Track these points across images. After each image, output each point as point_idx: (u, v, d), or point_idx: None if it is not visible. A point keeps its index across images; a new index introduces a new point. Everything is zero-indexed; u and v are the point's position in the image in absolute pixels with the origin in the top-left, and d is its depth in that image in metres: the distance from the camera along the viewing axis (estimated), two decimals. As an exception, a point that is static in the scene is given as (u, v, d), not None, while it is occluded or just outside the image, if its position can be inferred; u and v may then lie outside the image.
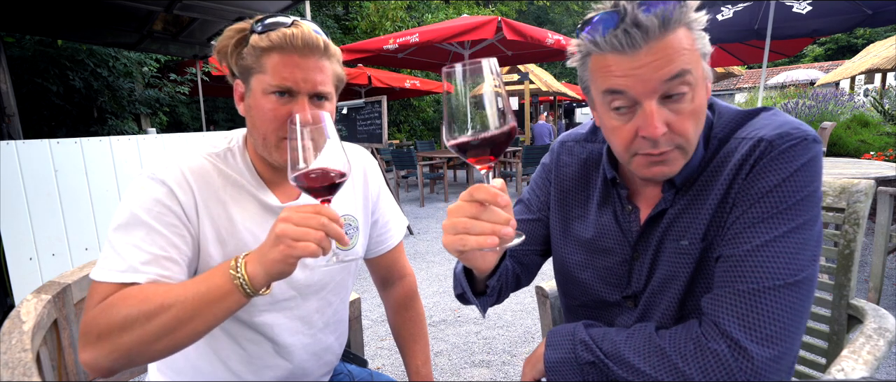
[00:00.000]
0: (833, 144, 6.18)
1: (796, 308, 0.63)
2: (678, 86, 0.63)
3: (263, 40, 0.75)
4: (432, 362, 2.34)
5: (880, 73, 12.12)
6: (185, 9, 3.55)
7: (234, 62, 0.79)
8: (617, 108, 0.67)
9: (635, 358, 0.69)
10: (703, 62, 0.66)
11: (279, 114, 0.76)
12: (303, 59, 0.75)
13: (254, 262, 0.65)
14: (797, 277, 0.63)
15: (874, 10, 4.50)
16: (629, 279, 0.80)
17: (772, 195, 0.65)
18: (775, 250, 0.64)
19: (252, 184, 0.84)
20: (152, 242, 0.73)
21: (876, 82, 13.34)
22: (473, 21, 6.17)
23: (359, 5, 12.91)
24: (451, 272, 3.72)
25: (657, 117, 0.63)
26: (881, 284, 2.40)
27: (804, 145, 0.65)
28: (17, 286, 2.34)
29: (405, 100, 13.57)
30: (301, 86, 0.76)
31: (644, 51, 0.61)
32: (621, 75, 0.64)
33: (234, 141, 0.87)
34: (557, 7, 22.21)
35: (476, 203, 0.57)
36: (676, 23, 0.61)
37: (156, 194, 0.75)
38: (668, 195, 0.74)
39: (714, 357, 0.63)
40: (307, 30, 0.76)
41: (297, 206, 0.66)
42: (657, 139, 0.64)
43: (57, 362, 0.84)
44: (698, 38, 0.65)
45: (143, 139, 2.68)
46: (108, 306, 0.67)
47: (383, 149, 7.59)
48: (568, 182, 0.89)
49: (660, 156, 0.67)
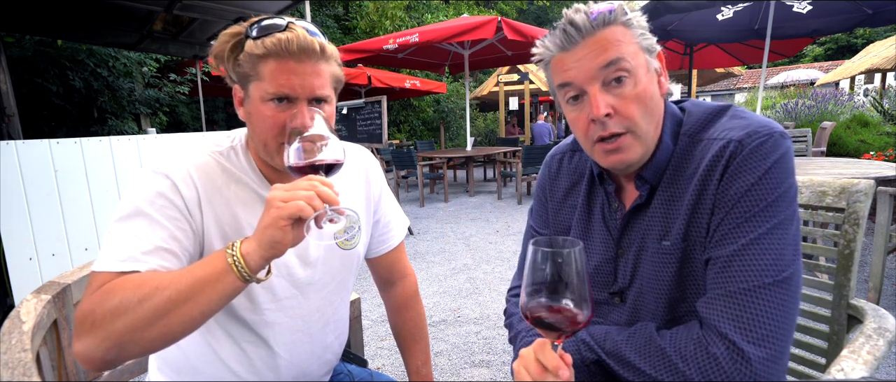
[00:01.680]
0: (833, 144, 6.17)
1: (787, 305, 0.64)
2: (615, 72, 0.70)
3: (258, 47, 0.74)
4: (432, 362, 2.34)
5: (880, 73, 12.13)
6: (185, 9, 3.55)
7: (231, 67, 0.79)
8: (569, 100, 0.76)
9: (636, 358, 0.70)
10: (645, 55, 0.73)
11: (279, 120, 0.76)
12: (299, 65, 0.74)
13: (248, 240, 0.66)
14: (784, 274, 0.64)
15: (874, 10, 4.49)
16: (615, 276, 0.83)
17: (750, 194, 0.67)
18: (761, 248, 0.65)
19: (255, 181, 0.84)
20: (153, 233, 0.72)
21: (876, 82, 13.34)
22: (473, 21, 6.18)
23: (358, 5, 12.91)
24: (451, 272, 3.73)
25: (600, 99, 0.71)
26: (881, 284, 2.40)
27: (773, 141, 0.68)
28: (16, 286, 2.34)
29: (405, 100, 13.57)
30: (299, 91, 0.75)
31: (581, 45, 0.71)
32: (566, 69, 0.73)
33: (236, 139, 0.87)
34: (557, 7, 22.23)
35: (540, 365, 0.63)
36: (608, 22, 0.70)
37: (159, 187, 0.75)
38: (643, 190, 0.78)
39: (713, 361, 0.64)
40: (302, 33, 0.74)
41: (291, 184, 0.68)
42: (601, 118, 0.71)
43: (57, 362, 0.84)
44: (638, 35, 0.73)
45: (143, 139, 2.67)
46: (104, 293, 0.65)
47: (383, 149, 7.59)
48: (560, 194, 0.93)
49: (613, 141, 0.73)
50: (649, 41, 0.74)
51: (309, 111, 0.75)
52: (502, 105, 12.43)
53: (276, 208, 0.63)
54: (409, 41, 6.20)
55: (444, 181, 7.32)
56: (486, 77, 16.39)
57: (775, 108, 8.62)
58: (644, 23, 0.74)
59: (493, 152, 7.90)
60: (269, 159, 0.80)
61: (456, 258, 4.13)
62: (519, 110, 14.02)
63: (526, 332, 0.86)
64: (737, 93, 22.01)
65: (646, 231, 0.78)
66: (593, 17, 0.70)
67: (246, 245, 0.65)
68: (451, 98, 14.21)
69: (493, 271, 3.71)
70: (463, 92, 13.54)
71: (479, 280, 3.53)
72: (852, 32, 26.44)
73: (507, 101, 12.41)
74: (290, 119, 0.74)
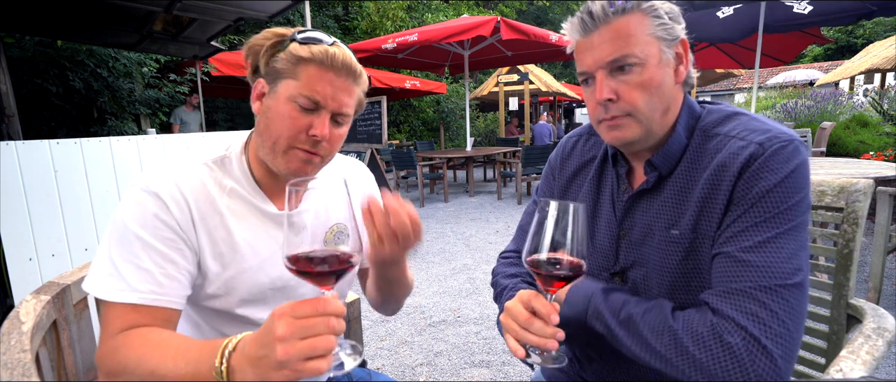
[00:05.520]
0: (833, 144, 6.18)
1: (799, 308, 0.65)
2: (624, 60, 0.73)
3: (304, 51, 0.76)
4: (432, 362, 2.35)
5: (880, 73, 12.12)
6: (184, 9, 3.55)
7: (264, 62, 0.79)
8: (583, 81, 0.80)
9: (648, 334, 0.70)
10: (660, 44, 0.75)
11: (300, 123, 0.76)
12: (337, 78, 0.77)
13: (244, 365, 0.57)
14: (797, 278, 0.66)
15: (879, 7, 4.41)
16: (617, 257, 0.84)
17: (770, 196, 0.68)
18: (777, 248, 0.66)
19: (249, 192, 0.84)
20: (148, 258, 0.73)
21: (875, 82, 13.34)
22: (473, 21, 6.18)
23: (359, 5, 12.90)
24: (451, 272, 3.73)
25: (603, 85, 0.75)
26: (880, 284, 2.40)
27: (794, 147, 0.70)
28: (16, 286, 2.33)
29: (405, 101, 13.56)
30: (329, 103, 0.77)
31: (596, 33, 0.75)
32: (581, 55, 0.78)
33: (231, 148, 0.86)
34: (557, 7, 22.20)
35: (530, 311, 0.69)
36: (625, 10, 0.73)
37: (151, 208, 0.75)
38: (651, 176, 0.80)
39: (727, 350, 0.64)
40: (346, 53, 0.79)
41: (294, 309, 0.54)
42: (603, 102, 0.76)
43: (56, 362, 0.84)
44: (657, 24, 0.74)
45: (143, 139, 2.67)
46: (113, 350, 0.69)
47: (383, 150, 7.59)
48: (570, 172, 0.96)
49: (612, 120, 0.77)
50: (670, 29, 0.75)
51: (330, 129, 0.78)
52: (502, 105, 12.42)
53: (294, 371, 0.53)
54: (409, 41, 6.20)
55: (443, 181, 7.32)
56: (485, 77, 16.38)
57: (775, 108, 8.63)
58: (668, 7, 0.75)
59: (493, 152, 7.90)
60: (271, 160, 0.80)
61: (456, 258, 4.12)
62: (519, 110, 14.01)
63: (512, 288, 0.89)
64: (737, 94, 22.01)
65: (654, 218, 0.79)
66: (611, 6, 0.73)
67: (240, 371, 0.57)
68: (451, 98, 14.20)
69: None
70: (463, 92, 13.53)
71: (479, 280, 3.53)
72: (852, 32, 26.48)
73: (506, 102, 12.41)
74: (309, 126, 0.76)
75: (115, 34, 4.28)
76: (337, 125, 0.81)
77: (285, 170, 0.79)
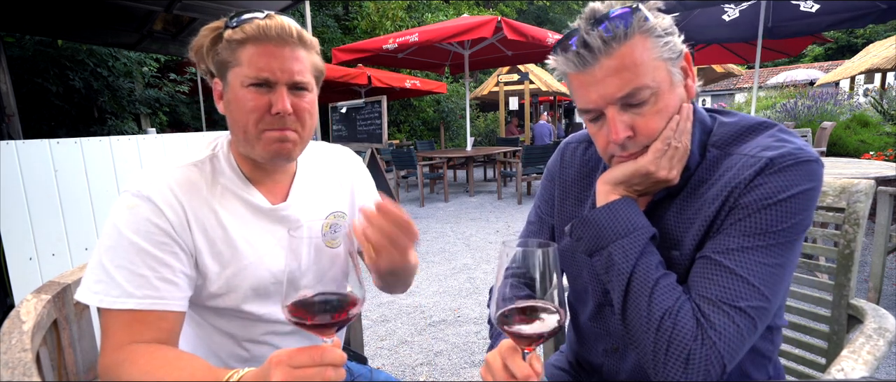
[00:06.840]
0: (833, 144, 6.18)
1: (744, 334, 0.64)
2: (637, 93, 0.66)
3: (238, 33, 0.75)
4: (432, 362, 2.34)
5: (880, 73, 12.12)
6: (184, 8, 3.56)
7: (210, 59, 0.79)
8: (589, 119, 0.73)
9: (638, 289, 0.68)
10: (668, 66, 0.68)
11: (259, 104, 0.75)
12: (278, 49, 0.75)
13: None
14: (755, 303, 0.64)
15: (889, 5, 4.26)
16: None
17: (768, 212, 0.65)
18: (748, 269, 0.64)
19: (238, 185, 0.83)
20: (143, 263, 0.72)
21: (876, 82, 13.34)
22: (473, 21, 6.17)
23: (359, 5, 12.91)
24: (451, 271, 3.73)
25: (618, 123, 0.68)
26: (881, 284, 2.40)
27: (809, 169, 0.65)
28: (16, 286, 2.33)
29: (405, 100, 13.56)
30: (278, 75, 0.75)
31: (597, 67, 0.66)
32: (584, 90, 0.69)
33: (217, 146, 0.86)
34: (557, 7, 22.19)
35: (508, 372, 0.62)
36: (626, 36, 0.65)
37: (144, 213, 0.74)
38: (660, 193, 0.76)
39: (677, 334, 0.64)
40: (280, 20, 0.76)
41: (291, 358, 0.55)
42: (621, 143, 0.69)
43: (57, 362, 0.84)
44: (660, 44, 0.67)
45: (143, 139, 2.67)
46: (115, 365, 0.68)
47: (383, 149, 7.59)
48: (570, 180, 0.92)
49: (630, 157, 0.71)
50: (673, 46, 0.68)
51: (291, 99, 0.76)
52: (502, 105, 12.42)
53: None
54: (409, 41, 6.20)
55: (444, 181, 7.32)
56: (486, 77, 16.38)
57: (775, 108, 8.63)
58: (666, 23, 0.68)
59: (493, 152, 7.90)
60: (250, 150, 0.79)
61: (456, 258, 4.13)
62: (519, 110, 14.01)
63: (498, 334, 0.84)
64: (737, 94, 21.98)
65: (658, 239, 0.75)
66: (608, 33, 0.64)
67: None
68: (452, 98, 14.21)
69: (494, 271, 3.71)
70: (463, 92, 13.53)
71: (479, 280, 3.53)
72: (852, 32, 26.45)
73: (507, 101, 12.41)
74: (269, 105, 0.75)
75: (116, 34, 4.28)
76: (298, 96, 0.79)
77: (266, 155, 0.79)
